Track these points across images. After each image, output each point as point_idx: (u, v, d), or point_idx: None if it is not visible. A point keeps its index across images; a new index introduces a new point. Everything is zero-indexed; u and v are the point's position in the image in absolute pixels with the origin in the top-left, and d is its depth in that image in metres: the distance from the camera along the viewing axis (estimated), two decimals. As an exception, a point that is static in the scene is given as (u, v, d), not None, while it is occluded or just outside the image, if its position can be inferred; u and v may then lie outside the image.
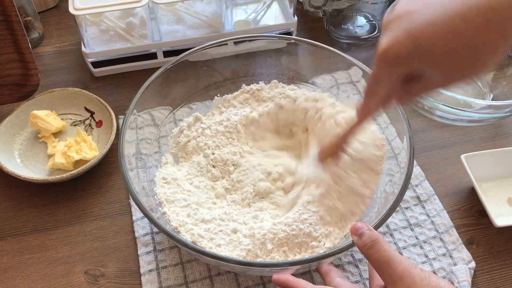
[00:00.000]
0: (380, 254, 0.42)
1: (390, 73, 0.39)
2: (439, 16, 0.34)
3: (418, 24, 0.35)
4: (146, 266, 0.57)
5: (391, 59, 0.37)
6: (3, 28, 0.64)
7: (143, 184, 0.57)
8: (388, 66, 0.38)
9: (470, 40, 0.33)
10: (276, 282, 0.48)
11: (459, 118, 0.70)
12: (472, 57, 0.34)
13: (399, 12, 0.37)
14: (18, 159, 0.67)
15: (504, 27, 0.33)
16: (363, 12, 0.86)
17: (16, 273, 0.58)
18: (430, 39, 0.34)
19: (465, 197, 0.65)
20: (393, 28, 0.36)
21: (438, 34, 0.34)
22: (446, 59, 0.35)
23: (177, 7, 0.81)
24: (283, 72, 0.69)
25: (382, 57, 0.37)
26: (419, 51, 0.35)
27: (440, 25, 0.34)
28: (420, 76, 0.38)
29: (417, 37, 0.35)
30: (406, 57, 0.36)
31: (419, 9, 0.35)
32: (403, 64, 0.37)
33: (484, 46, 0.34)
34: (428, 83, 0.39)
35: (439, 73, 0.36)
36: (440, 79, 0.37)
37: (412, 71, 0.38)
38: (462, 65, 0.35)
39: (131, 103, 0.59)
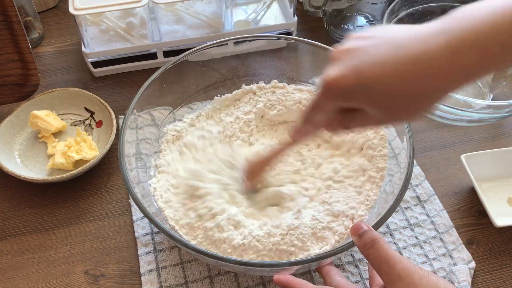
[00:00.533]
0: (379, 254, 0.42)
1: (331, 103, 0.40)
2: (386, 60, 0.35)
3: (365, 63, 0.36)
4: (146, 266, 0.57)
5: (335, 91, 0.38)
6: (3, 28, 0.64)
7: (143, 184, 0.57)
8: (331, 97, 0.39)
9: (409, 88, 0.35)
10: (276, 282, 0.48)
11: (459, 118, 0.70)
12: (409, 103, 0.36)
13: (351, 46, 0.38)
14: (18, 159, 0.67)
15: (442, 78, 0.34)
16: (363, 12, 0.86)
17: (16, 273, 0.58)
18: (373, 80, 0.36)
19: (465, 197, 0.65)
20: (342, 61, 0.38)
21: (381, 77, 0.35)
22: (385, 100, 0.36)
23: (177, 7, 0.81)
24: (283, 72, 0.69)
25: (327, 87, 0.38)
26: (362, 88, 0.36)
27: (384, 69, 0.35)
28: (358, 112, 0.40)
29: (362, 75, 0.36)
30: (349, 91, 0.37)
31: (370, 48, 0.37)
32: (346, 98, 0.38)
33: (422, 95, 0.35)
34: (365, 119, 0.40)
35: (377, 112, 0.38)
36: (377, 117, 0.39)
37: (352, 105, 0.39)
38: (399, 109, 0.37)
39: (131, 103, 0.59)
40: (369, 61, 0.36)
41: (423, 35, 0.35)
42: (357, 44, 0.38)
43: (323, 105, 0.41)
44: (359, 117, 0.40)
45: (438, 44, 0.34)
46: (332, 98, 0.39)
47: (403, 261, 0.42)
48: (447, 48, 0.33)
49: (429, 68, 0.34)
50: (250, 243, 0.52)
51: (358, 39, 0.38)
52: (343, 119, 0.42)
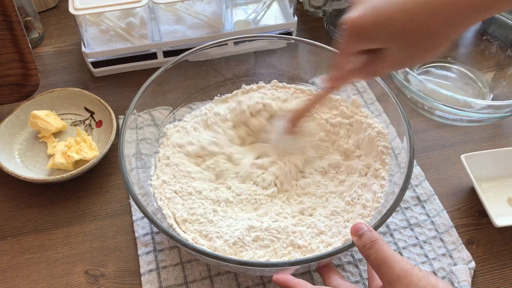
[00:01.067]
0: (378, 254, 0.42)
1: (355, 44, 0.43)
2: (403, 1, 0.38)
3: (382, 3, 0.39)
4: (146, 266, 0.57)
5: (356, 30, 0.41)
6: (3, 28, 0.64)
7: (143, 184, 0.57)
8: (354, 37, 0.42)
9: (423, 23, 0.38)
10: (275, 282, 0.48)
11: (459, 118, 0.70)
12: (425, 38, 0.39)
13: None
14: (18, 159, 0.67)
15: (453, 17, 0.37)
16: (363, 12, 0.86)
17: (16, 273, 0.58)
18: (390, 17, 0.39)
19: (465, 197, 0.65)
20: (361, 4, 0.41)
21: (397, 14, 0.39)
22: (402, 37, 0.39)
23: (177, 7, 0.81)
24: (283, 72, 0.69)
25: (349, 28, 0.41)
26: (381, 25, 0.40)
27: (399, 7, 0.38)
28: (381, 53, 0.42)
29: (380, 13, 0.39)
30: (370, 28, 0.40)
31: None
32: (367, 36, 0.41)
33: (436, 30, 0.38)
34: (388, 60, 0.43)
35: (396, 50, 0.41)
36: (399, 56, 0.41)
37: (374, 44, 0.42)
38: (416, 45, 0.40)
39: (131, 103, 0.59)
40: (385, 1, 0.39)
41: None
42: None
43: (348, 48, 0.44)
44: (382, 59, 0.43)
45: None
46: (355, 38, 0.42)
47: (402, 262, 0.42)
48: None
49: (441, 4, 0.36)
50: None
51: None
52: (368, 63, 0.44)
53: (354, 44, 0.43)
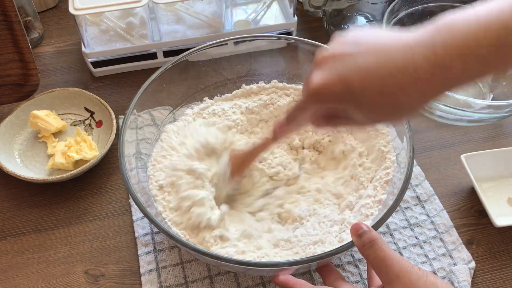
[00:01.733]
0: (378, 254, 0.42)
1: (315, 108, 0.41)
2: (372, 69, 0.36)
3: (351, 71, 0.37)
4: (146, 266, 0.57)
5: (320, 97, 0.39)
6: (3, 28, 0.64)
7: (143, 184, 0.57)
8: (315, 103, 0.40)
9: (393, 96, 0.36)
10: (276, 282, 0.48)
11: (459, 118, 0.70)
12: (393, 109, 0.37)
13: (336, 51, 0.38)
14: (18, 159, 0.67)
15: (422, 91, 0.35)
16: (363, 12, 0.86)
17: (16, 273, 0.58)
18: (359, 87, 0.37)
19: (465, 197, 0.65)
20: (327, 67, 0.38)
21: (367, 84, 0.36)
22: (370, 106, 0.37)
23: (177, 7, 0.81)
24: (283, 72, 0.69)
25: (312, 94, 0.39)
26: (348, 95, 0.37)
27: (370, 77, 0.36)
28: (343, 115, 0.40)
29: (348, 82, 0.37)
30: (335, 98, 0.38)
31: (354, 54, 0.37)
32: (331, 103, 0.39)
33: (405, 102, 0.36)
34: (349, 121, 0.41)
35: (361, 116, 0.39)
36: (362, 120, 0.40)
37: (338, 109, 0.40)
38: (383, 114, 0.38)
39: (131, 103, 0.59)
40: (355, 68, 0.37)
41: (409, 44, 0.35)
42: (342, 50, 0.38)
43: (308, 108, 0.42)
44: (344, 118, 0.41)
45: (423, 56, 0.34)
46: (318, 103, 0.40)
47: (401, 261, 0.42)
48: (432, 61, 0.34)
49: (413, 79, 0.35)
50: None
51: (343, 44, 0.39)
52: (328, 119, 0.43)
53: (316, 107, 0.41)
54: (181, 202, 0.55)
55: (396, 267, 0.41)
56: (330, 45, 0.40)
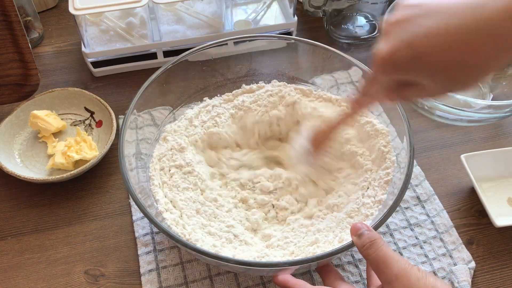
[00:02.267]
0: (377, 254, 0.42)
1: (386, 78, 0.40)
2: (440, 31, 0.35)
3: (417, 35, 0.35)
4: (146, 266, 0.57)
5: (389, 67, 0.38)
6: (3, 28, 0.64)
7: (143, 184, 0.57)
8: (385, 72, 0.39)
9: (465, 58, 0.34)
10: (276, 282, 0.48)
11: (459, 118, 0.70)
12: (466, 72, 0.35)
13: (400, 17, 0.37)
14: (18, 159, 0.67)
15: (497, 49, 0.33)
16: (363, 12, 0.86)
17: (16, 273, 0.58)
18: (428, 52, 0.35)
19: (465, 197, 0.65)
20: (393, 35, 0.37)
21: (436, 48, 0.35)
22: (441, 72, 0.36)
23: (177, 7, 0.81)
24: (283, 72, 0.69)
25: (381, 63, 0.38)
26: (417, 62, 0.36)
27: (438, 39, 0.34)
28: (415, 84, 0.39)
29: (416, 48, 0.35)
30: (404, 66, 0.37)
31: (421, 18, 0.36)
32: (401, 72, 0.38)
33: (477, 64, 0.35)
34: (422, 91, 0.40)
35: (433, 83, 0.37)
36: (434, 88, 0.38)
37: (408, 78, 0.39)
38: (456, 79, 0.36)
39: (131, 103, 0.59)
40: (421, 33, 0.35)
41: (476, 1, 0.33)
42: (407, 15, 0.37)
43: (380, 79, 0.41)
44: (416, 88, 0.40)
45: (495, 10, 0.32)
46: (387, 72, 0.39)
47: (401, 261, 0.41)
48: (506, 14, 0.32)
49: (486, 37, 0.33)
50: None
51: (407, 8, 0.37)
52: (400, 90, 0.41)
53: (386, 77, 0.40)
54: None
55: (396, 267, 0.41)
56: (395, 11, 0.38)
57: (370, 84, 0.43)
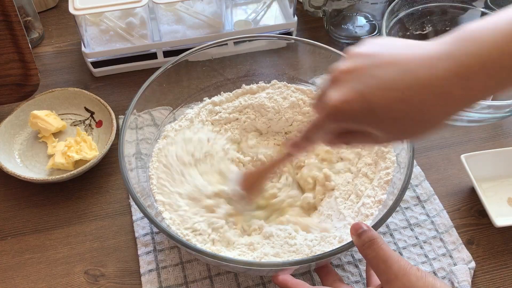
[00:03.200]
0: (377, 253, 0.42)
1: (332, 126, 0.40)
2: (393, 85, 0.34)
3: (371, 87, 0.35)
4: (146, 266, 0.57)
5: (339, 116, 0.37)
6: (3, 28, 0.64)
7: (143, 184, 0.57)
8: (333, 121, 0.38)
9: (417, 113, 0.34)
10: (275, 282, 0.48)
11: (459, 118, 0.70)
12: (416, 125, 0.36)
13: (353, 65, 0.37)
14: (18, 159, 0.67)
15: (447, 105, 0.34)
16: (363, 12, 0.86)
17: (16, 273, 0.58)
18: (380, 105, 0.35)
19: (465, 197, 0.65)
20: (345, 83, 0.37)
21: (389, 102, 0.35)
22: (392, 123, 0.36)
23: (177, 7, 0.81)
24: (283, 72, 0.69)
25: (329, 112, 0.37)
26: (369, 112, 0.36)
27: (392, 94, 0.35)
28: (361, 133, 0.39)
29: (369, 99, 0.35)
30: (355, 116, 0.36)
31: (372, 67, 0.36)
32: (350, 122, 0.37)
33: (428, 118, 0.35)
34: (367, 138, 0.39)
35: (381, 133, 0.37)
36: (381, 137, 0.38)
37: (358, 128, 0.38)
38: (406, 130, 0.36)
39: (131, 103, 0.59)
40: (375, 84, 0.35)
41: (430, 58, 0.34)
42: (360, 64, 0.36)
43: (325, 126, 0.40)
44: (361, 135, 0.39)
45: (446, 70, 0.33)
46: (336, 121, 0.38)
47: (401, 261, 0.42)
48: (456, 74, 0.33)
49: (438, 94, 0.33)
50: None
51: (360, 57, 0.37)
52: (345, 138, 0.41)
53: (334, 125, 0.39)
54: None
55: (395, 267, 0.41)
56: (345, 60, 0.38)
57: (315, 129, 0.42)
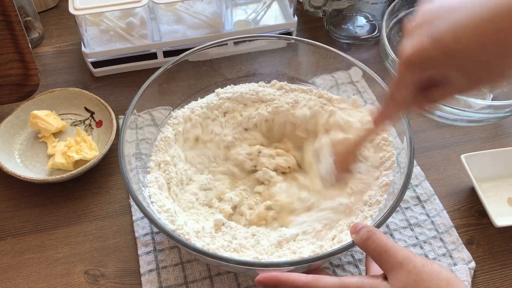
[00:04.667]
0: (378, 244, 0.42)
1: (413, 79, 0.38)
2: (464, 20, 0.34)
3: (443, 29, 0.34)
4: (146, 266, 0.57)
5: (416, 65, 0.36)
6: (3, 28, 0.64)
7: (143, 184, 0.57)
8: (412, 72, 0.37)
9: (495, 44, 0.33)
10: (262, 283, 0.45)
11: (459, 118, 0.70)
12: (498, 61, 0.34)
13: (423, 17, 0.36)
14: (18, 159, 0.67)
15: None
16: (363, 12, 0.86)
17: (16, 273, 0.58)
18: (455, 44, 0.34)
19: (465, 197, 0.65)
20: (417, 33, 0.36)
21: (463, 39, 0.33)
22: (471, 63, 0.35)
23: (177, 7, 0.81)
24: (283, 72, 0.69)
25: (406, 63, 0.37)
26: (445, 56, 0.35)
27: (465, 29, 0.33)
28: (442, 82, 0.38)
29: (442, 42, 0.34)
30: (431, 62, 0.36)
31: (444, 13, 0.35)
32: (428, 70, 0.36)
33: (509, 51, 0.33)
34: (451, 88, 0.38)
35: (463, 77, 0.36)
36: (463, 83, 0.37)
37: (436, 76, 0.37)
38: (487, 70, 0.35)
39: (131, 103, 0.59)
40: (447, 26, 0.34)
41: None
42: (430, 15, 0.36)
43: (406, 82, 0.39)
44: (444, 87, 0.38)
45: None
46: (414, 72, 0.37)
47: (404, 250, 0.41)
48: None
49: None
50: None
51: (429, 10, 0.36)
52: (428, 94, 0.40)
53: (414, 77, 0.38)
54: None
55: (399, 254, 0.40)
56: (418, 12, 0.37)
57: (396, 89, 0.41)
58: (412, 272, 0.39)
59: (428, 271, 0.39)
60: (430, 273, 0.39)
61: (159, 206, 0.55)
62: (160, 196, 0.56)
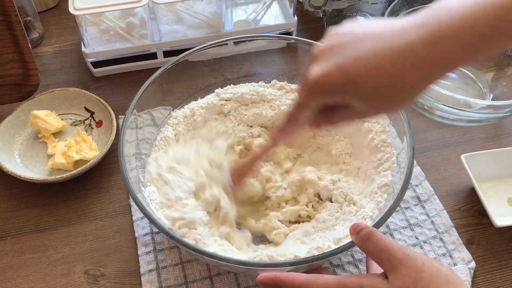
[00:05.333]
0: (377, 244, 0.42)
1: (316, 101, 0.40)
2: (369, 55, 0.36)
3: (348, 59, 0.36)
4: (146, 266, 0.57)
5: (320, 90, 0.38)
6: (3, 28, 0.64)
7: (143, 184, 0.57)
8: (316, 96, 0.39)
9: (393, 80, 0.35)
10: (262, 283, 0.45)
11: (459, 118, 0.70)
12: (394, 94, 0.36)
13: (331, 43, 0.38)
14: (18, 159, 0.67)
15: (422, 73, 0.35)
16: (363, 12, 0.86)
17: (16, 273, 0.58)
18: (358, 74, 0.36)
19: (465, 197, 0.65)
20: (324, 59, 0.38)
21: (366, 71, 0.36)
22: (371, 93, 0.37)
23: (177, 7, 0.81)
24: (283, 72, 0.69)
25: (313, 86, 0.38)
26: (348, 83, 0.36)
27: (368, 63, 0.36)
28: (344, 106, 0.39)
29: (347, 70, 0.36)
30: (337, 88, 0.37)
31: (351, 44, 0.37)
32: (332, 95, 0.38)
33: (406, 86, 0.36)
34: (351, 113, 0.40)
35: (364, 105, 0.38)
36: (364, 110, 0.39)
37: (339, 101, 0.39)
38: (385, 101, 0.37)
39: (131, 103, 0.59)
40: (352, 56, 0.36)
41: (404, 28, 0.35)
42: (338, 42, 0.38)
43: (308, 104, 0.41)
44: (344, 111, 0.40)
45: (419, 36, 0.34)
46: (318, 96, 0.39)
47: (404, 248, 0.41)
48: (428, 40, 0.34)
49: (411, 60, 0.34)
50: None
51: (338, 36, 0.38)
52: (327, 115, 0.42)
53: (316, 101, 0.40)
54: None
55: (399, 253, 0.41)
56: (325, 39, 0.39)
57: (298, 109, 0.42)
58: (412, 271, 0.39)
59: (428, 269, 0.39)
60: (430, 271, 0.39)
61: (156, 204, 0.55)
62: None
